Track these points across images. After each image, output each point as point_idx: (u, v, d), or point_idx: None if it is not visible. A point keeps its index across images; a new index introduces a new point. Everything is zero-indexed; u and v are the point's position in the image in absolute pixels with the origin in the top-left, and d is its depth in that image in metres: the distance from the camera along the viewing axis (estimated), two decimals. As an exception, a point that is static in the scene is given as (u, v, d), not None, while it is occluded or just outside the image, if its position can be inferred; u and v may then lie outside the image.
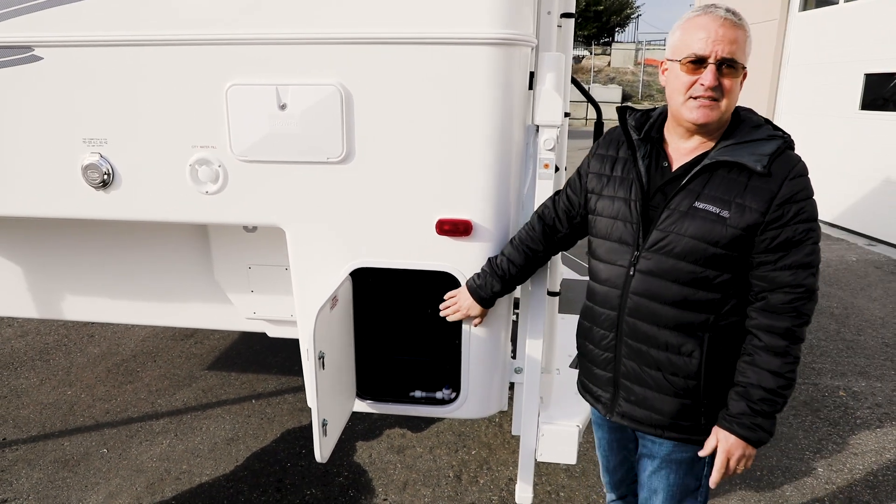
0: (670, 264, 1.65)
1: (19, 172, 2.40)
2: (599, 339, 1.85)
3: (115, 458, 3.40)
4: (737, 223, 1.58)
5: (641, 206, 1.71)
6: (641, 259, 1.70)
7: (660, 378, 1.74)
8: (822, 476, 3.29)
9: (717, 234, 1.59)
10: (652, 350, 1.73)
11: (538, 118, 2.25)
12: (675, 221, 1.64)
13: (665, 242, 1.65)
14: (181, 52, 2.17)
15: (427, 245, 2.27)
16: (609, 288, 1.78)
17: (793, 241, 1.58)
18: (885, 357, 4.76)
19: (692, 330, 1.68)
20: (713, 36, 1.56)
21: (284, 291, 2.83)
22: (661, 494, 1.86)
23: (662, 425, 1.77)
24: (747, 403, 1.63)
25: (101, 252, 2.99)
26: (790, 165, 1.59)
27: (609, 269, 1.78)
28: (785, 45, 10.34)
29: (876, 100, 8.34)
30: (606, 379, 1.86)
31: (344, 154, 2.20)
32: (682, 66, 1.61)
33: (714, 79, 1.56)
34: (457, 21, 2.04)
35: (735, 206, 1.59)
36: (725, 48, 1.55)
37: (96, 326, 5.13)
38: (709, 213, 1.60)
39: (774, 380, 1.61)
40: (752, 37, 1.63)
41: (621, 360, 1.80)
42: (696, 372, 1.70)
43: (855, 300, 6.01)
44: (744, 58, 1.60)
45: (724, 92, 1.58)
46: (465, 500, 3.08)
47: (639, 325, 1.73)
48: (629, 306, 1.74)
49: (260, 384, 4.23)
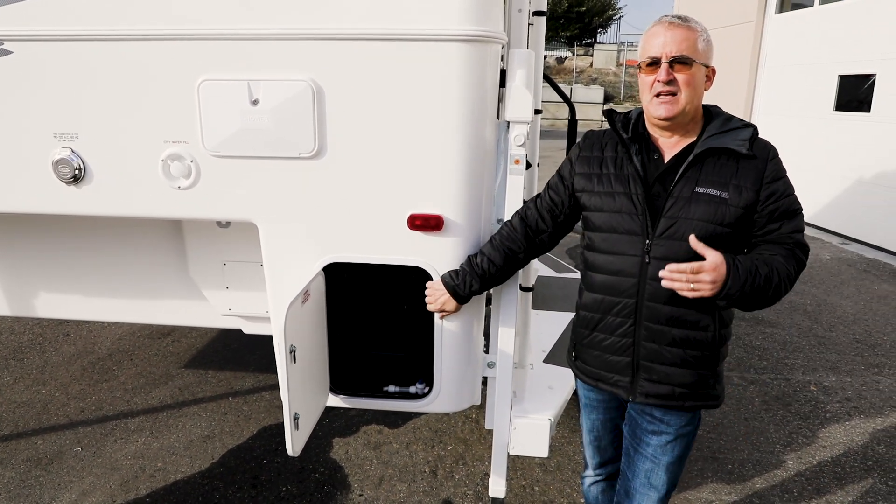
0: (683, 247, 1.76)
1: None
2: (616, 326, 1.93)
3: (90, 456, 3.38)
4: (737, 202, 1.76)
5: (645, 197, 1.82)
6: (654, 246, 1.81)
7: (680, 353, 1.87)
8: (792, 468, 3.35)
9: (722, 213, 1.75)
10: (674, 329, 1.85)
11: (509, 114, 2.27)
12: (682, 207, 1.79)
13: (675, 228, 1.79)
14: (153, 47, 2.17)
15: (399, 240, 2.29)
16: (623, 278, 1.88)
17: (789, 211, 1.79)
18: (855, 353, 4.86)
19: (706, 305, 1.81)
20: (664, 38, 1.77)
21: (259, 288, 2.83)
22: (664, 465, 1.98)
23: (684, 396, 1.91)
24: (753, 261, 1.74)
25: (75, 249, 2.97)
26: (768, 147, 1.81)
27: (619, 259, 1.88)
28: (762, 47, 10.50)
29: (850, 101, 8.50)
30: (625, 364, 1.95)
31: (316, 149, 2.21)
32: (644, 69, 1.82)
33: (667, 74, 1.76)
34: (428, 18, 2.06)
35: (732, 188, 1.76)
36: (675, 47, 1.76)
37: (72, 325, 5.08)
38: (711, 196, 1.77)
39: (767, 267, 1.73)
40: (711, 38, 1.83)
41: (640, 343, 1.90)
42: (710, 343, 1.86)
43: (828, 297, 6.12)
44: (697, 55, 1.77)
45: (680, 86, 1.76)
46: (440, 496, 3.10)
47: (660, 308, 1.85)
48: (649, 292, 1.84)
49: (237, 382, 4.22)
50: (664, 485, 2.00)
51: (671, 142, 1.87)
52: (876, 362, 4.70)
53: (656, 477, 1.99)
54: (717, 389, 1.94)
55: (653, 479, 2.00)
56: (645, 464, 2.00)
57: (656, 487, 2.00)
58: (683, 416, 1.94)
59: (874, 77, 8.00)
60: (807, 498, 3.11)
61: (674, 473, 2.01)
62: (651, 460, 1.99)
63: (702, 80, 1.80)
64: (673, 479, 2.01)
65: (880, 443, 3.61)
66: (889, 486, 3.21)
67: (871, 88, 8.05)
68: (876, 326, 5.40)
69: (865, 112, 8.14)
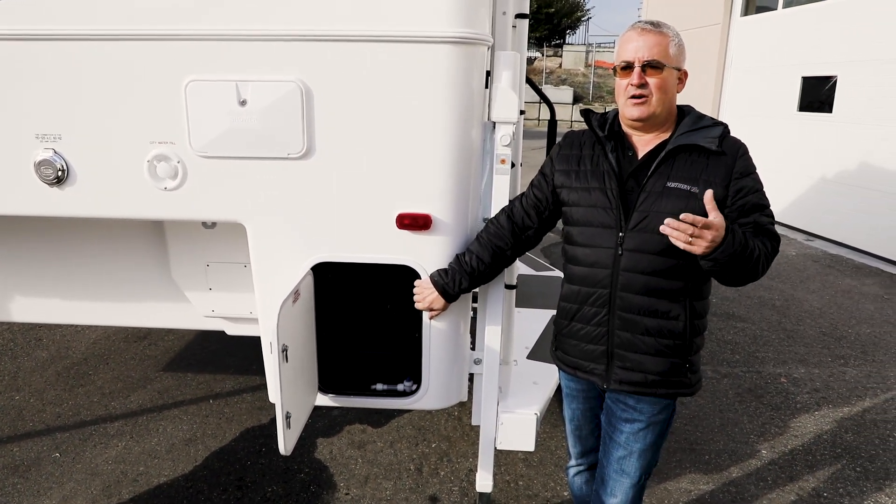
0: (654, 240, 1.83)
1: (-32, 169, 2.34)
2: (591, 316, 2.00)
3: (69, 462, 3.33)
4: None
5: (619, 192, 1.90)
6: (627, 239, 1.89)
7: (652, 342, 1.94)
8: (766, 457, 3.46)
9: (691, 207, 1.78)
10: (645, 319, 1.93)
11: (495, 115, 2.32)
12: (653, 202, 1.86)
13: (647, 221, 1.85)
14: (139, 47, 2.16)
15: (388, 239, 2.32)
16: (598, 269, 1.95)
17: (758, 205, 1.86)
18: (822, 345, 5.02)
19: (677, 296, 1.91)
20: (636, 44, 1.85)
21: (243, 288, 2.83)
22: (636, 453, 2.04)
23: (657, 384, 1.97)
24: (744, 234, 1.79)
25: (50, 250, 2.92)
26: (737, 145, 1.89)
27: (595, 252, 1.95)
28: (728, 49, 10.74)
29: (813, 102, 8.75)
30: (600, 352, 2.02)
31: (305, 150, 2.22)
32: (618, 73, 1.91)
33: (639, 78, 1.84)
34: (416, 20, 2.09)
35: (702, 183, 1.83)
36: (646, 52, 1.83)
37: (44, 329, 4.98)
38: (681, 191, 1.84)
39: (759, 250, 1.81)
40: (684, 42, 1.90)
41: (615, 332, 1.98)
42: (682, 332, 1.93)
43: (795, 292, 6.31)
44: (668, 59, 1.85)
45: (652, 89, 1.84)
46: (426, 492, 3.13)
47: (632, 298, 1.92)
48: (621, 283, 1.92)
49: (217, 384, 4.19)
50: (636, 472, 2.06)
51: (645, 139, 1.94)
52: (842, 354, 4.86)
53: (628, 464, 2.06)
54: (691, 378, 2.00)
55: (625, 465, 2.06)
56: (618, 451, 2.07)
57: (628, 474, 2.07)
58: (656, 404, 2.01)
59: (835, 79, 8.25)
60: (780, 485, 3.22)
61: (647, 461, 2.07)
62: (623, 447, 2.05)
63: (673, 83, 1.89)
64: (645, 466, 2.07)
65: (848, 431, 3.74)
66: (857, 471, 3.34)
67: (832, 90, 8.30)
68: (841, 319, 5.58)
69: (827, 113, 8.40)
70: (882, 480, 3.27)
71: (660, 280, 1.89)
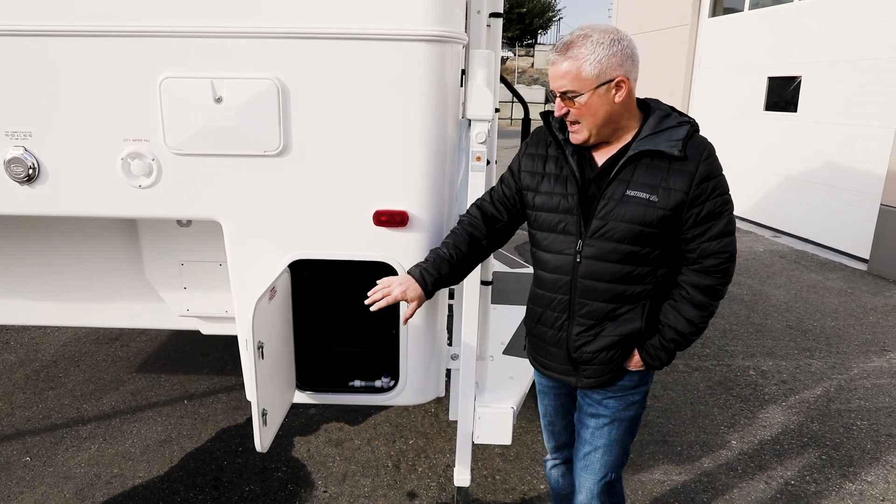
0: (611, 247, 1.85)
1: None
2: (553, 321, 2.02)
3: (40, 465, 3.27)
4: (665, 205, 1.80)
5: (580, 199, 1.88)
6: (586, 246, 1.88)
7: (608, 342, 1.96)
8: (735, 447, 3.55)
9: (650, 216, 1.80)
10: (605, 323, 1.95)
11: (470, 112, 2.34)
12: (612, 209, 1.83)
13: (606, 229, 1.84)
14: (112, 43, 2.14)
15: (365, 236, 2.33)
16: (559, 275, 1.95)
17: (714, 213, 1.82)
18: (789, 339, 5.15)
19: (634, 300, 1.92)
20: (551, 76, 1.84)
21: (218, 287, 2.82)
22: (601, 449, 2.07)
23: (621, 376, 2.02)
24: (660, 339, 1.95)
25: (19, 250, 2.87)
26: (702, 148, 1.82)
27: (557, 258, 1.95)
28: (696, 49, 10.93)
29: (778, 102, 8.96)
30: (564, 356, 2.04)
31: (281, 147, 2.22)
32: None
33: (559, 109, 1.84)
34: (392, 18, 2.11)
35: (662, 190, 1.80)
36: (559, 84, 1.81)
37: (10, 332, 4.88)
38: (640, 199, 1.81)
39: (688, 326, 1.91)
40: (616, 48, 1.75)
41: (573, 336, 1.99)
42: (637, 332, 1.95)
43: (762, 287, 6.45)
44: (584, 83, 1.76)
45: (577, 117, 1.81)
46: (404, 489, 3.14)
47: (590, 304, 1.94)
48: (580, 289, 1.93)
49: (191, 385, 4.15)
50: (601, 468, 2.08)
51: (605, 145, 1.90)
52: (808, 346, 5.00)
53: (593, 459, 2.08)
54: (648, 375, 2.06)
55: (590, 460, 2.09)
56: (584, 446, 2.10)
57: (593, 470, 2.09)
58: (621, 400, 2.03)
59: (800, 79, 8.45)
60: (750, 474, 3.30)
61: (612, 458, 2.08)
62: (589, 443, 2.08)
63: (603, 100, 1.78)
64: (611, 463, 2.08)
65: (814, 421, 3.85)
66: (823, 459, 3.44)
67: (797, 90, 8.50)
68: (806, 313, 5.73)
69: (793, 112, 8.60)
70: (846, 467, 3.38)
71: (617, 286, 1.89)
